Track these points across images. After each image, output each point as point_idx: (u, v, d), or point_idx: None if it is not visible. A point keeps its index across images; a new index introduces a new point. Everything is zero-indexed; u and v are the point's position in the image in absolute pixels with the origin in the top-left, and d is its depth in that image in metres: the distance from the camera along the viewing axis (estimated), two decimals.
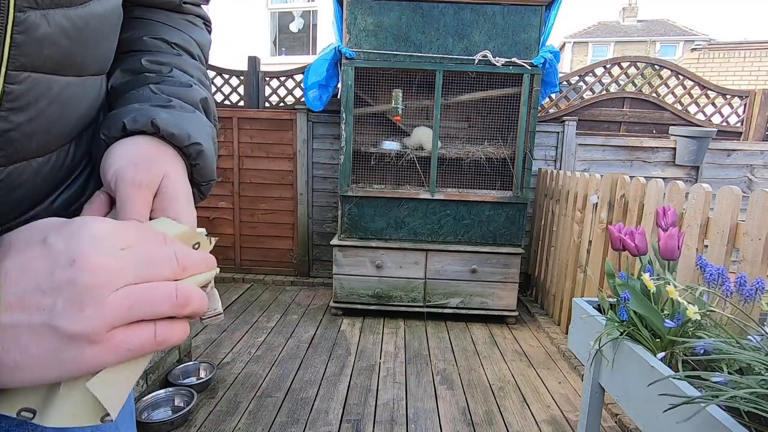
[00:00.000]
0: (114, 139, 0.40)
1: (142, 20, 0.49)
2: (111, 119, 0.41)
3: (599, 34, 21.66)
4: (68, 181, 0.42)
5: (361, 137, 3.11)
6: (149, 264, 0.28)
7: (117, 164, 0.37)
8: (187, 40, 0.51)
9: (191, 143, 0.42)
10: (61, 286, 0.26)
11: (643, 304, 1.11)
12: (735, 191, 1.46)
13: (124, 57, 0.47)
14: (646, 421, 1.03)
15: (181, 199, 0.39)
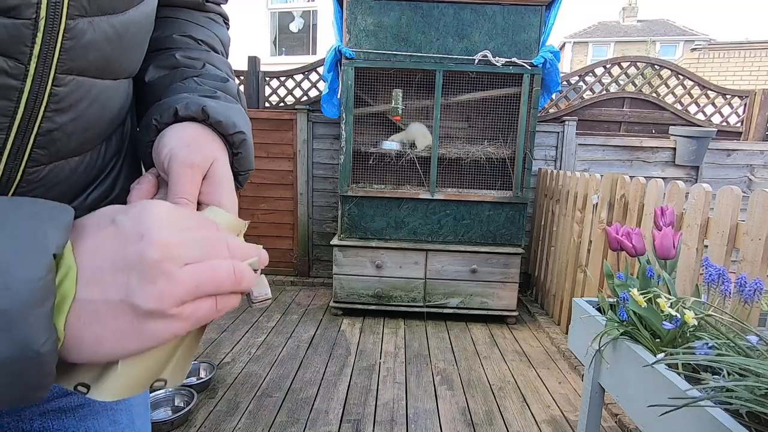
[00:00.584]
0: (165, 124, 0.42)
1: (169, 19, 0.52)
2: (162, 106, 0.43)
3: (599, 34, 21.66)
4: (99, 179, 0.45)
5: (361, 137, 3.11)
6: (207, 246, 0.30)
7: (170, 145, 0.39)
8: (211, 37, 0.54)
9: (236, 131, 0.44)
10: (133, 262, 0.27)
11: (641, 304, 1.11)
12: (735, 191, 1.46)
13: (155, 55, 0.49)
14: (646, 421, 1.03)
15: (226, 184, 0.41)
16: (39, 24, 0.32)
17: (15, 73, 0.32)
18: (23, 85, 0.33)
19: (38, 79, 0.34)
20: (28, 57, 0.32)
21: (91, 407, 0.52)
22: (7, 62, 0.32)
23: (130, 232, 0.28)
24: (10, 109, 0.33)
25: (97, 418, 0.52)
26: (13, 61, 0.32)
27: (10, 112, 0.33)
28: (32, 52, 0.32)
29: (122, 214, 0.29)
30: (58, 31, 0.33)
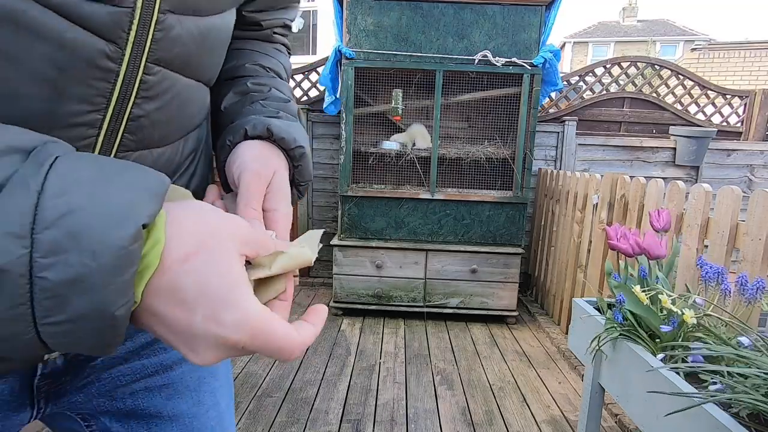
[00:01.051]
0: (236, 143, 0.48)
1: (242, 51, 0.58)
2: (234, 128, 0.48)
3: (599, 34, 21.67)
4: (175, 177, 0.49)
5: (361, 137, 3.11)
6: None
7: (240, 159, 0.45)
8: (277, 65, 0.60)
9: (296, 146, 0.49)
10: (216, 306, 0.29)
11: (639, 305, 1.11)
12: (735, 191, 1.46)
13: (231, 82, 0.55)
14: (646, 421, 1.03)
15: (284, 193, 0.46)
16: (135, 13, 0.35)
17: (114, 56, 0.36)
18: (119, 69, 0.36)
19: (132, 64, 0.37)
20: (125, 42, 0.36)
21: (176, 387, 0.55)
22: (108, 46, 0.35)
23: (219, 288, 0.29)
24: (108, 90, 0.36)
25: (183, 398, 0.56)
26: (113, 45, 0.35)
27: (108, 93, 0.37)
28: (128, 39, 0.36)
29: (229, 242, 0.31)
30: (150, 22, 0.37)
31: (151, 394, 0.54)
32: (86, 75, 0.35)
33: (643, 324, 1.13)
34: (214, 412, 0.59)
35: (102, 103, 0.37)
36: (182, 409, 0.56)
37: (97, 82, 0.36)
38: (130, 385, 0.53)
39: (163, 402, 0.55)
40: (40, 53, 0.32)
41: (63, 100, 0.34)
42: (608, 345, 1.20)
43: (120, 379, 0.53)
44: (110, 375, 0.52)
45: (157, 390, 0.55)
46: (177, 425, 0.56)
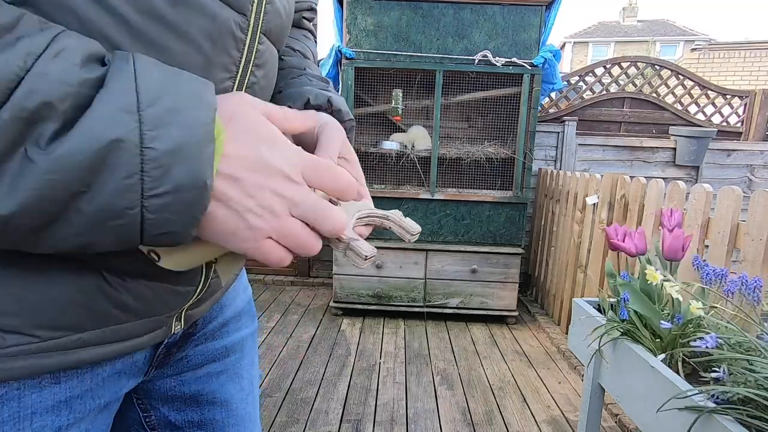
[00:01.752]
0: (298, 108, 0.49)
1: None
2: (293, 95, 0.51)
3: (599, 34, 21.67)
4: None
5: (361, 137, 3.11)
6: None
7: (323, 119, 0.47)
8: (305, 49, 0.63)
9: (349, 119, 0.53)
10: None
11: (643, 303, 1.11)
12: (735, 191, 1.46)
13: None
14: (646, 421, 1.03)
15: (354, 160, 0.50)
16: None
17: (243, 27, 0.40)
18: (246, 38, 0.40)
19: (253, 34, 0.41)
20: (250, 14, 0.40)
21: (228, 374, 0.59)
22: (240, 18, 0.39)
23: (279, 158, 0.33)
24: (238, 58, 0.40)
25: (232, 383, 0.60)
26: (243, 17, 0.39)
27: (238, 61, 0.40)
28: (252, 10, 0.40)
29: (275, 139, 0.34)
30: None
31: (210, 380, 0.58)
32: (227, 45, 0.39)
33: (646, 323, 1.12)
34: (252, 398, 0.64)
35: (234, 71, 0.40)
36: (232, 395, 0.60)
37: (233, 51, 0.39)
38: (197, 370, 0.56)
39: (219, 387, 0.59)
40: (200, 27, 0.36)
41: (212, 69, 0.38)
42: (608, 345, 1.20)
43: (196, 359, 0.56)
44: (194, 353, 0.56)
45: (215, 375, 0.58)
46: (226, 410, 0.59)
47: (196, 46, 0.36)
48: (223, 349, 0.59)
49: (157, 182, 0.28)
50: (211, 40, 0.37)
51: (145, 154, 0.27)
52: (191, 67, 0.36)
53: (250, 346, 0.64)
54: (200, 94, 0.30)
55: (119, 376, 0.46)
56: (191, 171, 0.28)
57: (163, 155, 0.27)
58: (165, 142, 0.27)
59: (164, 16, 0.33)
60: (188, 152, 0.28)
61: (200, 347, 0.57)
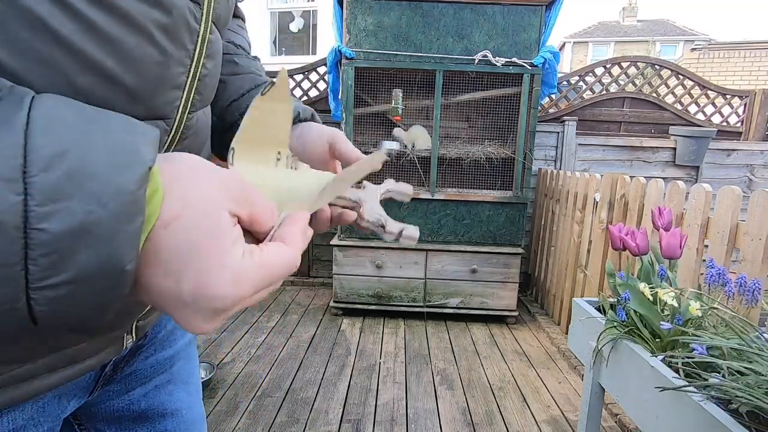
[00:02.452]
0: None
1: None
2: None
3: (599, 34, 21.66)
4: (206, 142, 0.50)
5: (361, 137, 3.11)
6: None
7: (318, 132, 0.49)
8: (242, 41, 0.61)
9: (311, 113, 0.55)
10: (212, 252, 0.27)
11: (643, 304, 1.11)
12: (735, 191, 1.46)
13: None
14: (646, 421, 1.03)
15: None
16: None
17: (197, 16, 0.37)
18: (199, 29, 0.38)
19: (205, 23, 0.39)
20: (201, 3, 0.38)
21: (175, 383, 0.58)
22: (194, 7, 0.37)
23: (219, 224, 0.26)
24: (192, 51, 0.38)
25: (180, 391, 0.59)
26: (196, 5, 0.37)
27: (192, 53, 0.38)
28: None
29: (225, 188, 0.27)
30: None
31: (159, 392, 0.56)
32: (183, 37, 0.36)
33: (646, 323, 1.13)
34: (198, 400, 0.63)
35: (188, 64, 0.38)
36: (181, 402, 0.58)
37: (188, 43, 0.37)
38: (146, 384, 0.54)
39: (168, 398, 0.57)
40: (154, 19, 0.33)
41: (168, 64, 0.35)
42: (608, 345, 1.20)
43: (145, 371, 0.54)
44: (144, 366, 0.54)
45: (163, 386, 0.56)
46: (176, 419, 0.58)
47: (152, 39, 0.33)
48: (171, 358, 0.57)
49: (47, 272, 0.21)
50: (166, 32, 0.34)
51: (31, 238, 0.20)
52: (147, 62, 0.33)
53: (192, 350, 0.63)
54: (125, 148, 0.23)
55: (60, 399, 0.42)
56: (101, 257, 0.22)
57: (58, 239, 0.20)
58: (62, 221, 0.21)
59: (117, 6, 0.30)
60: (98, 232, 0.21)
61: (150, 359, 0.54)
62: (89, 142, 0.22)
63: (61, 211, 0.21)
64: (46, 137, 0.21)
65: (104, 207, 0.22)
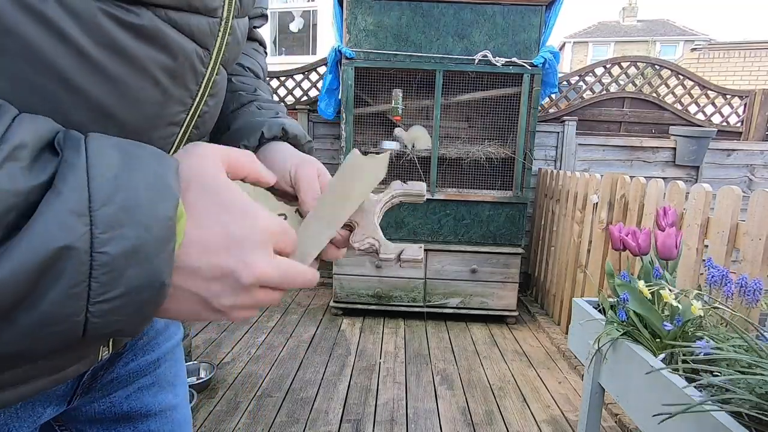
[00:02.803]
0: (253, 147, 0.50)
1: None
2: (245, 130, 0.50)
3: (599, 34, 21.66)
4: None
5: (361, 137, 3.11)
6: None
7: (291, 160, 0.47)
8: (255, 65, 0.62)
9: (307, 141, 0.54)
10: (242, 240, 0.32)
11: (642, 304, 1.11)
12: (735, 191, 1.46)
13: None
14: (646, 421, 1.03)
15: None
16: (222, 21, 0.39)
17: (205, 60, 0.39)
18: (206, 71, 0.40)
19: (213, 67, 0.40)
20: (213, 47, 0.39)
21: (160, 384, 0.58)
22: (202, 52, 0.38)
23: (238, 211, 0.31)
24: (195, 91, 0.40)
25: (165, 392, 0.58)
26: (205, 50, 0.39)
27: (195, 94, 0.40)
28: (215, 44, 0.40)
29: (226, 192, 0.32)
30: (227, 28, 0.40)
31: (142, 394, 0.56)
32: (187, 79, 0.38)
33: (646, 323, 1.12)
34: (184, 401, 0.62)
35: (189, 104, 0.40)
36: (166, 403, 0.58)
37: (192, 84, 0.39)
38: (127, 387, 0.54)
39: (151, 400, 0.57)
40: (160, 62, 0.34)
41: (168, 103, 0.37)
42: (608, 345, 1.20)
43: (126, 377, 0.54)
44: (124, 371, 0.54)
45: (146, 389, 0.56)
46: (161, 419, 0.58)
47: (153, 81, 0.34)
48: (154, 362, 0.57)
49: (105, 288, 0.25)
50: (170, 75, 0.36)
51: (95, 260, 0.24)
52: (146, 102, 0.35)
53: (179, 352, 0.62)
54: (160, 183, 0.27)
55: (33, 405, 0.42)
56: (147, 273, 0.26)
57: (115, 260, 0.25)
58: (118, 245, 0.25)
59: (124, 49, 0.31)
60: (145, 253, 0.26)
61: (131, 364, 0.54)
62: (135, 180, 0.26)
63: (118, 237, 0.25)
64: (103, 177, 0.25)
65: (149, 232, 0.26)
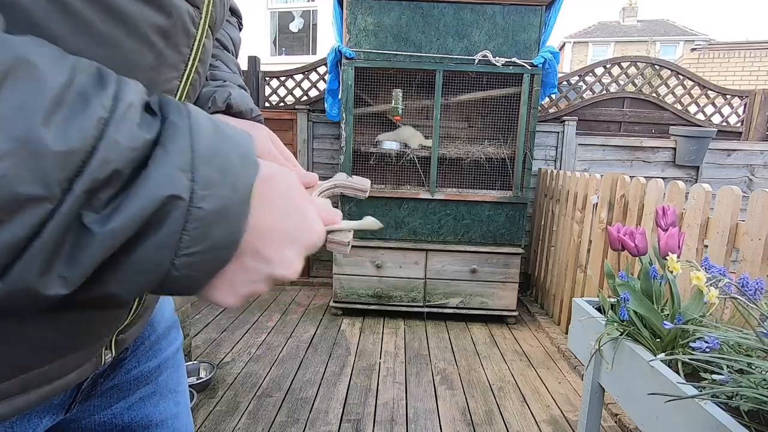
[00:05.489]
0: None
1: None
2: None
3: (599, 34, 21.66)
4: None
5: (361, 137, 3.11)
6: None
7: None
8: (225, 37, 0.60)
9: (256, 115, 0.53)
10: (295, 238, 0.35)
11: (643, 304, 1.11)
12: (735, 191, 1.46)
13: None
14: (646, 421, 1.03)
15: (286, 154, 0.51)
16: None
17: (196, 21, 0.38)
18: (197, 33, 0.38)
19: (203, 28, 0.39)
20: (202, 5, 0.38)
21: (161, 393, 0.56)
22: (194, 12, 0.37)
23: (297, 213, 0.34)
24: (188, 55, 0.38)
25: (166, 401, 0.58)
26: (196, 9, 0.37)
27: (187, 58, 0.38)
28: (204, 2, 0.38)
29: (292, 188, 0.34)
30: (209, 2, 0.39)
31: (143, 404, 0.54)
32: (180, 41, 0.36)
33: (646, 323, 1.12)
34: (186, 408, 0.61)
35: (182, 69, 0.38)
36: (167, 413, 0.57)
37: (184, 48, 0.37)
38: (129, 398, 0.53)
39: (153, 410, 0.55)
40: (153, 21, 0.33)
41: (162, 68, 0.36)
42: (608, 345, 1.20)
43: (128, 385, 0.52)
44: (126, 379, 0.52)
45: (148, 398, 0.55)
46: (161, 429, 0.56)
47: (148, 43, 0.33)
48: (156, 369, 0.55)
49: (193, 242, 0.27)
50: (163, 36, 0.34)
51: (191, 213, 0.26)
52: (140, 66, 0.33)
53: (179, 357, 0.61)
54: (248, 153, 0.30)
55: (30, 417, 0.40)
56: (228, 232, 0.29)
57: (208, 215, 0.27)
58: (212, 202, 0.27)
59: (118, 7, 0.30)
60: (231, 213, 0.28)
61: (133, 371, 0.53)
62: (228, 146, 0.29)
63: (212, 195, 0.27)
64: (203, 140, 0.27)
65: (236, 194, 0.29)
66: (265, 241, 0.31)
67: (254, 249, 0.31)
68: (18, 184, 0.21)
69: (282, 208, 0.32)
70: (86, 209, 0.23)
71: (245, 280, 0.31)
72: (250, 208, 0.30)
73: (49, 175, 0.22)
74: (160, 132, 0.26)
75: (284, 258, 0.32)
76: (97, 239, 0.24)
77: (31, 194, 0.21)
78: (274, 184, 0.32)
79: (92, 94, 0.24)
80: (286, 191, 0.33)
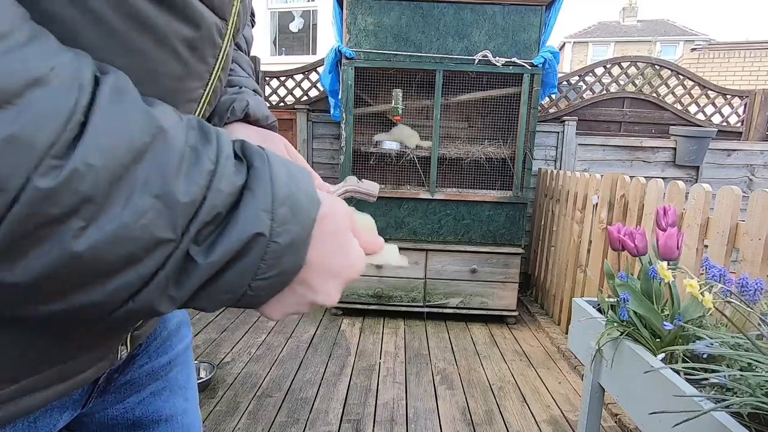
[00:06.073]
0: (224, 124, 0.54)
1: None
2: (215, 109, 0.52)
3: (599, 34, 21.66)
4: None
5: (361, 137, 3.11)
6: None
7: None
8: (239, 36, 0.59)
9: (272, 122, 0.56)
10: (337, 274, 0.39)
11: (642, 304, 1.11)
12: (735, 191, 1.46)
13: None
14: (646, 421, 1.03)
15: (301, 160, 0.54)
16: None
17: (222, 32, 0.39)
18: (222, 44, 0.39)
19: (229, 39, 0.40)
20: (228, 17, 0.39)
21: (171, 389, 0.59)
22: (221, 24, 0.38)
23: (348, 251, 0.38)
24: (213, 66, 0.40)
25: (176, 397, 0.59)
26: (223, 21, 0.38)
27: (212, 68, 0.40)
28: (231, 13, 0.39)
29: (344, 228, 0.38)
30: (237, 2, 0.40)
31: (154, 399, 0.56)
32: (206, 53, 0.38)
33: (646, 323, 1.12)
34: (194, 404, 0.63)
35: (206, 78, 0.40)
36: (177, 408, 0.58)
37: (210, 58, 0.39)
38: (141, 392, 0.54)
39: (163, 405, 0.56)
40: (181, 35, 0.34)
41: (187, 78, 0.37)
42: (608, 345, 1.20)
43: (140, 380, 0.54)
44: (139, 374, 0.54)
45: (158, 393, 0.56)
46: (171, 425, 0.58)
47: (175, 54, 0.34)
48: (167, 365, 0.57)
49: (268, 269, 0.31)
50: (191, 48, 0.35)
51: (269, 247, 0.31)
52: (166, 75, 0.34)
53: (189, 354, 0.63)
54: (312, 193, 0.34)
55: (51, 413, 0.42)
56: (295, 261, 0.33)
57: (281, 248, 0.31)
58: (285, 237, 0.31)
59: (147, 18, 0.31)
60: (299, 245, 0.33)
61: (145, 367, 0.54)
62: (298, 189, 0.33)
63: (286, 231, 0.31)
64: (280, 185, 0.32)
65: (304, 230, 0.33)
66: (313, 274, 0.35)
67: (303, 278, 0.35)
68: (156, 230, 0.26)
69: (330, 246, 0.36)
70: (192, 243, 0.28)
71: (292, 302, 0.36)
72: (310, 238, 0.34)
73: (177, 221, 0.27)
74: (248, 177, 0.31)
75: (327, 289, 0.37)
76: (201, 268, 0.29)
77: (164, 237, 0.27)
78: (327, 224, 0.36)
79: (201, 149, 0.29)
80: (336, 229, 0.36)
